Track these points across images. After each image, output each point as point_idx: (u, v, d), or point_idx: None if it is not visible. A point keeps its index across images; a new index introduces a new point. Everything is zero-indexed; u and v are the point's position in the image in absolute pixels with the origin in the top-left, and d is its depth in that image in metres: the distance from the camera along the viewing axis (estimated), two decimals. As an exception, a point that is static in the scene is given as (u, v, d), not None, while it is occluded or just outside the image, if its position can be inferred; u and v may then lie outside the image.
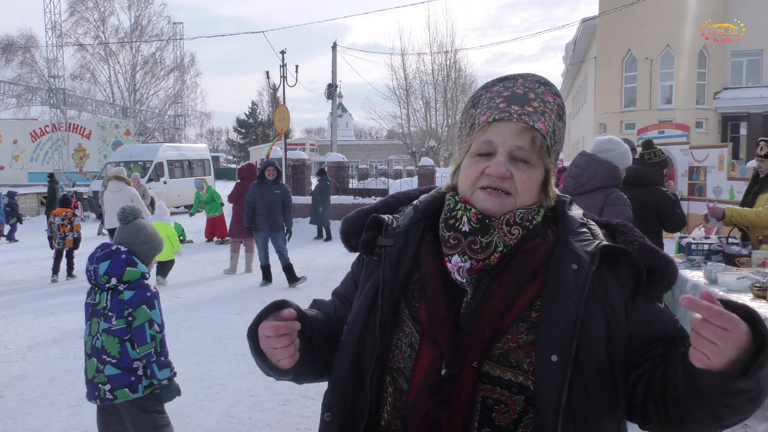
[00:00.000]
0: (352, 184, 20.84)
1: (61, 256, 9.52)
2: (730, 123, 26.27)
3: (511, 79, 1.20)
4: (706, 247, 4.67)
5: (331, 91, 28.71)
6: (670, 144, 10.72)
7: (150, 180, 19.36)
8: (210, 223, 13.58)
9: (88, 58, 36.97)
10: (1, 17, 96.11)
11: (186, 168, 22.98)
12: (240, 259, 10.06)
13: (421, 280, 1.15)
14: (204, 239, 13.71)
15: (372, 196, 17.73)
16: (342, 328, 1.22)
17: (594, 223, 1.18)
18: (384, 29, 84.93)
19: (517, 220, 1.10)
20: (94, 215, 19.18)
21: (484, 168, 1.10)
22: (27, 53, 36.52)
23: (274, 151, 17.95)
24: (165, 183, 21.08)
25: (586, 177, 3.63)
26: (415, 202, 1.25)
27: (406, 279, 1.16)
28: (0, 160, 28.40)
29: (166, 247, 7.87)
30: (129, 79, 38.09)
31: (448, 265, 1.11)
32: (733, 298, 3.52)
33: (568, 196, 1.22)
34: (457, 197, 1.15)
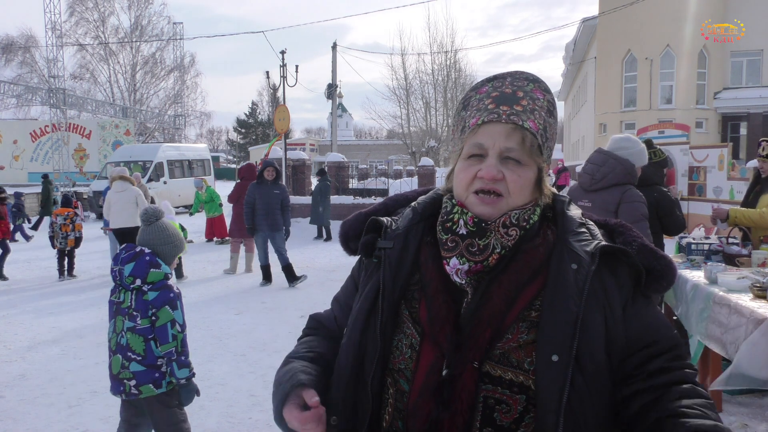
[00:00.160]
0: (352, 184, 20.84)
1: (64, 256, 9.54)
2: (730, 123, 26.28)
3: (500, 78, 1.19)
4: (706, 247, 4.67)
5: (331, 91, 28.71)
6: (670, 144, 10.72)
7: (150, 180, 19.35)
8: (210, 223, 13.57)
9: (88, 58, 37.03)
10: (1, 17, 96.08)
11: (186, 168, 22.99)
12: (240, 259, 10.06)
13: (421, 281, 1.15)
14: (204, 239, 13.71)
15: (372, 196, 17.73)
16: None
17: (593, 223, 1.18)
18: (384, 29, 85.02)
19: (513, 221, 1.10)
20: (94, 215, 19.18)
21: (476, 171, 1.10)
22: (27, 53, 36.54)
23: (273, 151, 17.94)
24: (165, 183, 21.10)
25: (602, 173, 3.63)
26: (413, 204, 1.24)
27: (407, 281, 1.16)
28: (0, 160, 28.41)
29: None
30: (129, 79, 38.10)
31: (447, 267, 1.11)
32: (734, 297, 3.51)
33: (567, 196, 1.22)
34: (453, 200, 1.15)
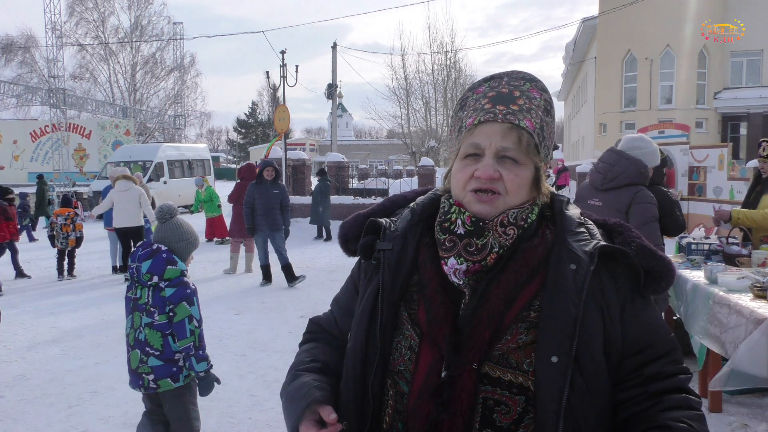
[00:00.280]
0: (352, 184, 20.85)
1: (64, 256, 9.55)
2: (730, 123, 26.29)
3: (497, 78, 1.19)
4: (706, 247, 4.67)
5: (331, 91, 28.72)
6: (670, 144, 10.71)
7: (150, 180, 19.33)
8: (209, 224, 13.57)
9: (88, 58, 36.98)
10: (1, 17, 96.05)
11: (186, 168, 22.98)
12: (240, 259, 10.06)
13: (420, 282, 1.14)
14: (204, 239, 13.71)
15: (372, 196, 17.73)
16: (344, 342, 1.22)
17: (591, 222, 1.17)
18: (384, 29, 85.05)
19: (511, 220, 1.09)
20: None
21: (473, 171, 1.10)
22: (27, 53, 36.51)
23: (273, 150, 17.94)
24: (165, 183, 21.09)
25: (614, 173, 3.63)
26: (411, 205, 1.24)
27: (406, 282, 1.15)
28: (0, 160, 28.40)
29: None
30: (129, 79, 38.07)
31: (445, 267, 1.11)
32: (734, 297, 3.51)
33: (566, 196, 1.21)
34: (451, 200, 1.15)
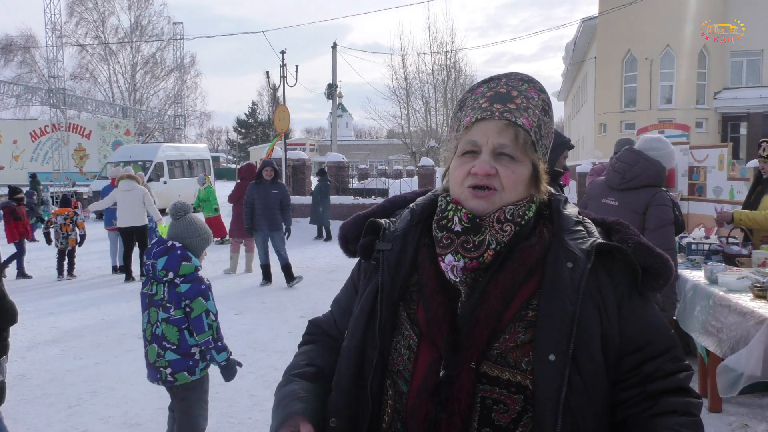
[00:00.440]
0: (352, 184, 20.86)
1: (64, 256, 9.55)
2: (730, 123, 26.28)
3: (495, 79, 1.21)
4: (706, 247, 4.68)
5: (331, 91, 28.72)
6: (670, 144, 10.70)
7: (150, 180, 19.32)
8: (208, 224, 13.54)
9: (88, 58, 36.99)
10: (1, 17, 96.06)
11: (186, 168, 22.99)
12: (240, 259, 10.06)
13: (419, 282, 1.15)
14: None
15: (372, 196, 17.73)
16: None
17: (590, 221, 1.18)
18: (384, 29, 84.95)
19: (508, 217, 1.10)
20: (94, 215, 19.16)
21: (470, 168, 1.11)
22: (27, 53, 36.50)
23: (274, 150, 17.94)
24: (165, 183, 21.09)
25: (633, 173, 3.63)
26: (411, 206, 1.25)
27: (405, 282, 1.16)
28: (0, 160, 28.40)
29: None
30: (129, 79, 38.07)
31: (442, 264, 1.11)
32: (734, 297, 3.51)
33: (564, 195, 1.22)
34: (448, 198, 1.15)
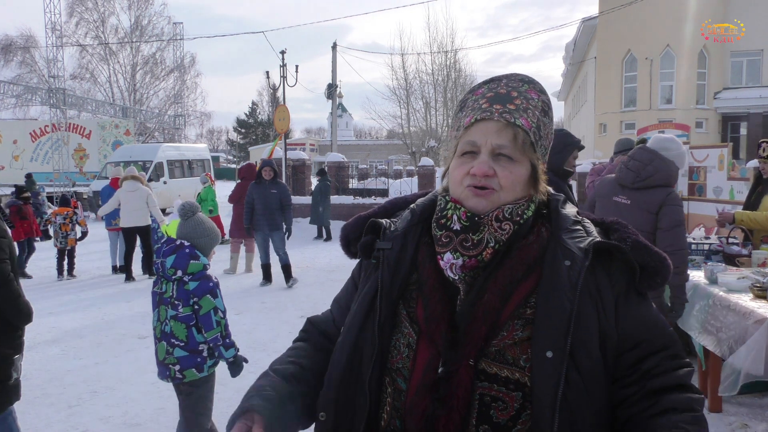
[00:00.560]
0: (352, 184, 20.86)
1: (64, 256, 9.55)
2: (730, 123, 26.30)
3: (496, 80, 1.22)
4: (706, 247, 4.68)
5: (331, 91, 28.72)
6: (670, 144, 10.69)
7: (150, 180, 19.33)
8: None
9: (88, 58, 36.97)
10: (1, 17, 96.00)
11: (186, 168, 22.98)
12: (240, 259, 10.07)
13: (418, 280, 1.16)
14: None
15: (372, 196, 17.74)
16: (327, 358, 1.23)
17: (589, 221, 1.19)
18: (384, 29, 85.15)
19: (506, 216, 1.11)
20: (94, 215, 19.17)
21: (469, 168, 1.12)
22: (27, 53, 36.49)
23: (275, 150, 17.93)
24: (165, 183, 21.09)
25: (648, 172, 3.64)
26: (412, 206, 1.26)
27: (405, 281, 1.17)
28: (0, 160, 28.40)
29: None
30: (129, 79, 38.05)
31: (441, 262, 1.12)
32: (733, 297, 3.52)
33: (562, 195, 1.23)
34: (448, 197, 1.17)
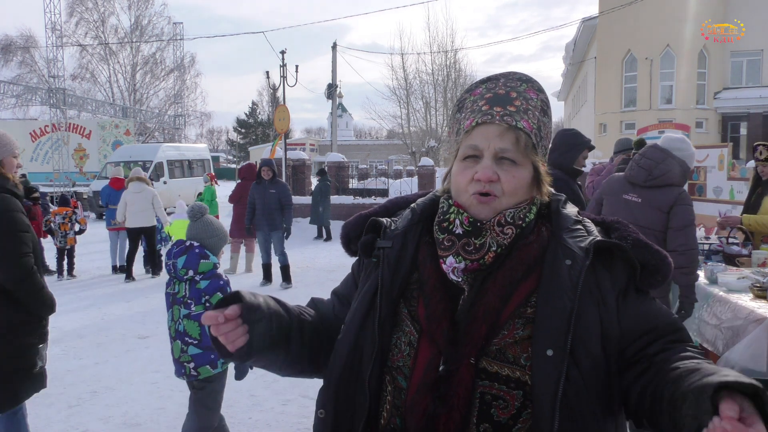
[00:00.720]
0: (352, 184, 20.86)
1: (64, 255, 9.55)
2: (730, 123, 26.29)
3: (493, 79, 1.21)
4: (706, 247, 4.68)
5: (331, 91, 28.72)
6: (670, 144, 10.70)
7: (150, 180, 19.32)
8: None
9: (88, 58, 36.97)
10: (1, 17, 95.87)
11: (186, 168, 23.00)
12: (240, 259, 10.07)
13: (419, 280, 1.16)
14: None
15: (372, 196, 17.74)
16: (339, 327, 1.23)
17: (589, 220, 1.19)
18: (383, 29, 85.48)
19: (509, 220, 1.11)
20: (94, 215, 19.18)
21: (473, 174, 1.12)
22: (26, 53, 36.49)
23: (276, 150, 17.93)
24: (165, 183, 21.09)
25: (660, 171, 3.63)
26: (412, 205, 1.27)
27: (405, 280, 1.17)
28: None
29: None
30: (129, 79, 38.07)
31: (444, 266, 1.13)
32: (733, 297, 3.51)
33: (563, 195, 1.23)
34: (450, 200, 1.16)
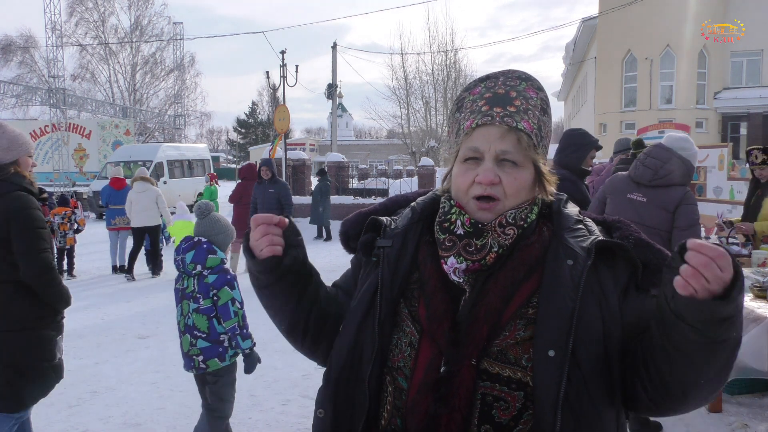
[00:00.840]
0: (352, 184, 20.87)
1: (63, 255, 9.55)
2: (730, 123, 26.30)
3: (492, 78, 1.20)
4: (706, 247, 4.67)
5: (331, 91, 28.71)
6: (670, 144, 10.70)
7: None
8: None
9: (88, 58, 36.95)
10: (1, 17, 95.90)
11: (186, 168, 22.99)
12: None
13: (420, 279, 1.16)
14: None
15: (372, 196, 17.74)
16: (339, 312, 1.25)
17: (590, 220, 1.19)
18: (383, 29, 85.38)
19: (510, 221, 1.11)
20: (94, 215, 19.17)
21: (474, 176, 1.11)
22: (26, 53, 36.47)
23: (276, 150, 17.92)
24: (165, 183, 21.09)
25: (666, 170, 3.65)
26: (412, 204, 1.26)
27: (405, 279, 1.17)
28: None
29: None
30: (129, 79, 38.05)
31: (445, 266, 1.12)
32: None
33: (564, 195, 1.23)
34: (452, 201, 1.16)
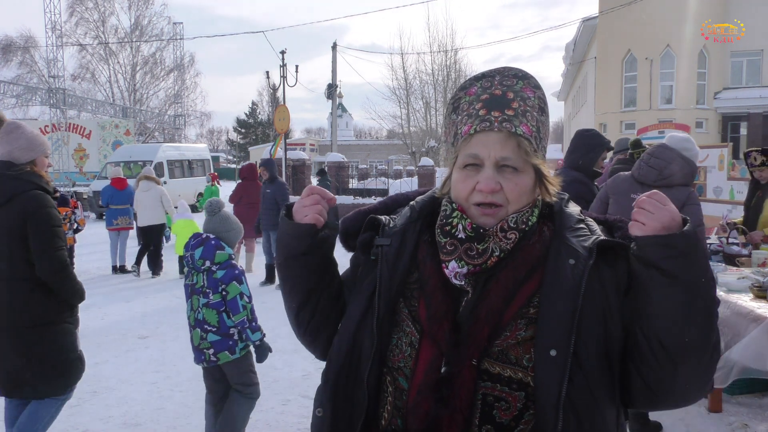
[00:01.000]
0: (352, 184, 20.87)
1: (62, 256, 9.55)
2: (730, 123, 26.28)
3: (488, 77, 1.17)
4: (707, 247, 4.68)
5: (331, 91, 28.72)
6: (670, 144, 10.69)
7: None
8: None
9: (88, 58, 36.98)
10: (1, 17, 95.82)
11: (186, 168, 22.97)
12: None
13: (420, 279, 1.15)
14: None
15: (372, 196, 17.73)
16: (345, 304, 1.26)
17: (591, 219, 1.19)
18: (382, 29, 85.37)
19: (511, 225, 1.10)
20: (94, 215, 19.17)
21: (474, 184, 1.10)
22: (26, 53, 36.49)
23: (276, 150, 17.90)
24: (165, 183, 21.08)
25: (670, 171, 3.65)
26: (411, 203, 1.26)
27: (404, 278, 1.16)
28: None
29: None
30: (129, 79, 38.07)
31: (446, 270, 1.12)
32: (733, 297, 3.52)
33: (566, 194, 1.22)
34: (453, 204, 1.15)
